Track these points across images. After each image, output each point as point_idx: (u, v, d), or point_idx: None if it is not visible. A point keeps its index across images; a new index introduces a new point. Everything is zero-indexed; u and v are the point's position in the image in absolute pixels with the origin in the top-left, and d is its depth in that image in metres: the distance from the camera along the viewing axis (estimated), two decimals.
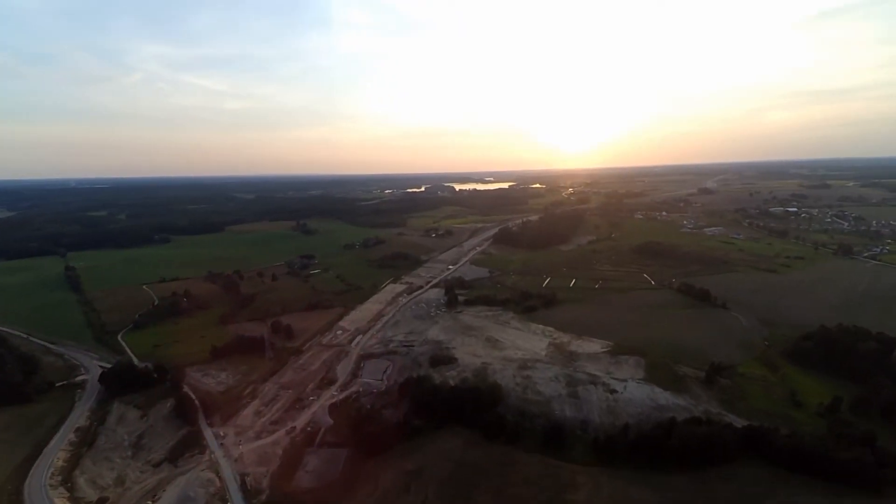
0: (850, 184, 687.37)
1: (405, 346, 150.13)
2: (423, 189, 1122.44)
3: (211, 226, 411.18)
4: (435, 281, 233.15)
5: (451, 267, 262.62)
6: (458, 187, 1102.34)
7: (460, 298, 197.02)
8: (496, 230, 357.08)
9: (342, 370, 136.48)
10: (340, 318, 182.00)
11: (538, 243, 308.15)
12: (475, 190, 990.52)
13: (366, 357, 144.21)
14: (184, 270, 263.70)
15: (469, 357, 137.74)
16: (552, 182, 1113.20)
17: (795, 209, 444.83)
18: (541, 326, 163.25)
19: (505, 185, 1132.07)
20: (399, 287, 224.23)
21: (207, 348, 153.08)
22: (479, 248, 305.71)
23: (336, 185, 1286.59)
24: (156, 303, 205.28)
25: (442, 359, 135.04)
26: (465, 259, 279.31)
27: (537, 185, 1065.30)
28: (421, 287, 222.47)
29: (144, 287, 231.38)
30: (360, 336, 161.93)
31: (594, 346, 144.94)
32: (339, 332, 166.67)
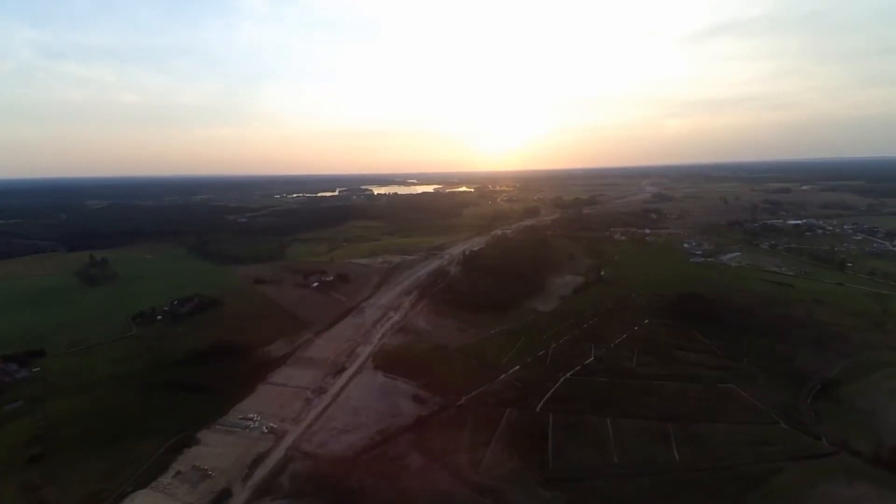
0: (806, 187, 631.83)
1: None
2: (336, 192, 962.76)
3: None
4: (276, 454, 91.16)
5: (327, 382, 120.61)
6: (377, 191, 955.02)
7: None
8: (424, 271, 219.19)
9: None
10: None
11: (496, 299, 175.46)
12: (396, 194, 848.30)
13: None
14: None
15: None
16: (480, 185, 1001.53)
17: (799, 222, 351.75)
18: None
19: (430, 189, 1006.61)
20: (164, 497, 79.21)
21: None
22: (394, 317, 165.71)
23: (235, 188, 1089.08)
24: None
25: None
26: (364, 352, 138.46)
27: (465, 189, 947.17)
28: (224, 494, 79.47)
29: None
30: None
31: None
32: None
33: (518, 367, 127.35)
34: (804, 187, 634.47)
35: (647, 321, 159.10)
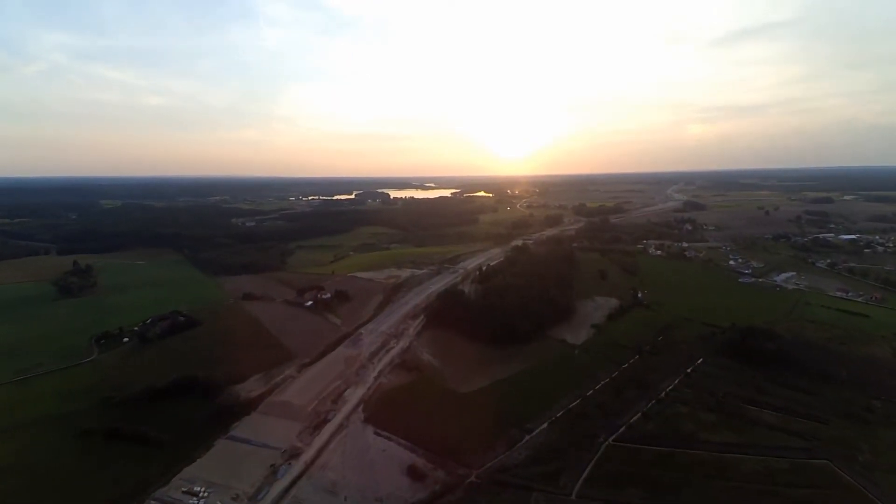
0: (849, 197, 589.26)
1: None
2: (353, 195, 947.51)
3: None
4: None
5: (302, 440, 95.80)
6: (393, 194, 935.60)
7: None
8: (434, 289, 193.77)
9: None
10: None
11: (516, 327, 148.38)
12: (412, 198, 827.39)
13: None
14: None
15: None
16: (498, 190, 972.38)
17: (854, 236, 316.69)
18: None
19: (447, 193, 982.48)
20: None
21: None
22: (396, 346, 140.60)
23: (252, 190, 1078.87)
24: None
25: None
26: (355, 396, 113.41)
27: (483, 194, 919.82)
28: None
29: None
30: None
31: None
32: None
33: (545, 424, 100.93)
34: (847, 197, 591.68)
35: (700, 361, 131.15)
